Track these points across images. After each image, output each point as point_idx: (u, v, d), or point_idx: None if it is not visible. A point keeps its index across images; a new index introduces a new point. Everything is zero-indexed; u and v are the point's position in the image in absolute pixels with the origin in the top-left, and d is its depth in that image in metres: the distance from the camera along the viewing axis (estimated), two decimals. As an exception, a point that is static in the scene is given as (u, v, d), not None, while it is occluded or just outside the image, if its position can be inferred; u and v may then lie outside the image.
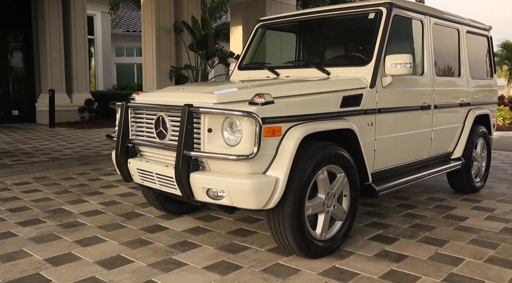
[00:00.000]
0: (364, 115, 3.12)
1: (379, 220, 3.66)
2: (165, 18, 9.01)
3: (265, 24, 4.17)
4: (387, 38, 3.30)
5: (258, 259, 2.82)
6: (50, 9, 11.54)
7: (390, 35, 3.36)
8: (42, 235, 3.25)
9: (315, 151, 2.69)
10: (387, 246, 3.07)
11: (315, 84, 3.00)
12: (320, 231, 2.80)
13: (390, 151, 3.43)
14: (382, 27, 3.30)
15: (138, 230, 3.38)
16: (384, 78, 3.26)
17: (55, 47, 11.61)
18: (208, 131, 2.57)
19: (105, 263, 2.75)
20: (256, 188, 2.44)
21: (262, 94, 2.52)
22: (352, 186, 2.98)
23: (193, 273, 2.61)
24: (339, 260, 2.81)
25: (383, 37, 3.29)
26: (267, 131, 2.50)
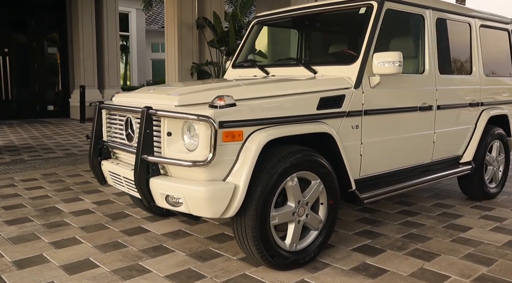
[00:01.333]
0: (346, 117, 2.91)
1: (372, 228, 3.44)
2: (188, 14, 8.98)
3: (261, 20, 4.01)
4: (377, 35, 3.06)
5: (226, 268, 2.70)
6: (83, 6, 11.82)
7: (382, 31, 3.12)
8: (23, 235, 3.26)
9: (282, 156, 2.52)
10: (370, 258, 2.86)
11: (291, 84, 2.81)
12: (289, 242, 2.63)
13: (380, 156, 3.19)
14: (372, 22, 3.07)
15: (118, 232, 3.33)
16: (373, 78, 3.03)
17: (87, 43, 11.89)
18: (167, 135, 2.46)
19: (69, 267, 2.71)
20: (211, 196, 2.31)
21: (222, 97, 2.38)
22: (330, 193, 2.78)
23: (152, 282, 2.52)
24: (310, 273, 2.64)
25: (372, 33, 3.05)
26: (226, 135, 2.36)
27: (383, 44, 3.17)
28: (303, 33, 3.97)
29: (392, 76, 3.19)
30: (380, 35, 3.11)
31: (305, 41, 3.96)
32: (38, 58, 12.24)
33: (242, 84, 2.79)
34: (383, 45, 3.18)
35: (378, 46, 3.09)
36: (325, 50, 3.83)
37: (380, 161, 3.20)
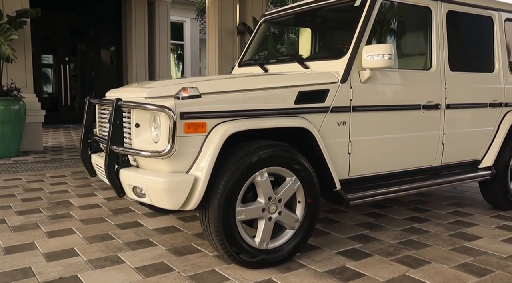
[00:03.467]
0: (330, 113, 2.78)
1: (369, 233, 3.25)
2: (228, 20, 9.11)
3: (268, 18, 3.97)
4: (369, 28, 2.91)
5: (197, 264, 2.66)
6: (137, 16, 12.37)
7: (378, 25, 2.97)
8: (26, 224, 3.43)
9: (250, 150, 2.45)
10: (351, 262, 2.70)
11: (268, 78, 2.74)
12: (259, 239, 2.55)
13: (374, 156, 3.02)
14: (364, 15, 2.92)
15: (113, 225, 3.41)
16: (363, 72, 2.88)
17: (140, 52, 12.41)
18: (136, 126, 2.49)
19: (51, 255, 2.80)
20: (169, 187, 2.30)
21: (186, 88, 2.37)
22: (308, 191, 2.67)
23: (120, 272, 2.54)
24: (280, 273, 2.54)
25: (364, 26, 2.90)
26: (188, 127, 2.34)
27: (380, 39, 3.02)
28: (304, 30, 3.87)
29: (389, 72, 3.03)
30: (376, 29, 2.97)
31: (304, 37, 3.86)
32: (96, 66, 12.94)
33: (216, 78, 2.75)
34: (381, 40, 3.02)
35: (374, 40, 2.94)
36: (320, 45, 3.71)
37: (373, 161, 3.03)
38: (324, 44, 3.76)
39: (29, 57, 7.10)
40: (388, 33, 3.19)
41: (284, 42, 4.08)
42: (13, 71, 6.89)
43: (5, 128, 6.35)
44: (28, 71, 7.11)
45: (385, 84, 3.01)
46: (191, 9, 15.93)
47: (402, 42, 3.43)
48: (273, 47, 4.15)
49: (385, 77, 3.01)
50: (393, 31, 3.28)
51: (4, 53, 5.73)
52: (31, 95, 7.09)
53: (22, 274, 2.51)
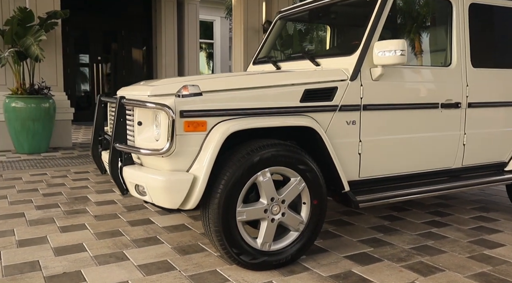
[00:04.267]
0: (339, 112, 2.69)
1: (383, 237, 3.13)
2: (254, 18, 9.07)
3: (284, 15, 3.90)
4: (382, 23, 2.80)
5: (200, 263, 2.63)
6: (166, 16, 12.52)
7: (392, 19, 2.85)
8: (42, 218, 3.51)
9: (252, 149, 2.40)
10: (359, 267, 2.60)
11: (274, 76, 2.67)
12: (261, 241, 2.49)
13: (386, 156, 2.90)
14: (376, 10, 2.81)
15: (124, 222, 3.43)
16: (374, 69, 2.77)
17: (169, 51, 12.56)
18: (138, 124, 2.48)
19: (60, 249, 2.84)
20: (168, 186, 2.27)
21: (186, 86, 2.34)
22: (314, 192, 2.59)
23: (122, 269, 2.54)
24: (282, 276, 2.47)
25: (376, 21, 2.79)
26: (188, 125, 2.31)
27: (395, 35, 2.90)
28: (318, 26, 3.77)
29: (404, 69, 2.91)
30: (390, 24, 2.84)
31: (318, 34, 3.76)
32: (127, 65, 13.19)
33: (220, 76, 2.71)
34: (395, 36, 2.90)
35: (388, 36, 2.83)
36: (333, 42, 3.60)
37: (386, 162, 2.91)
38: (336, 41, 3.65)
39: (59, 57, 7.29)
40: (403, 29, 3.06)
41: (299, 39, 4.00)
42: (45, 70, 7.10)
43: (35, 125, 6.55)
44: (58, 71, 7.31)
45: (399, 82, 2.89)
46: (221, 8, 16.00)
47: (419, 37, 3.29)
48: (287, 44, 4.07)
49: (399, 74, 2.89)
50: (409, 27, 3.14)
51: (33, 53, 5.90)
52: (61, 94, 7.28)
53: (29, 267, 2.56)
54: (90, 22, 12.28)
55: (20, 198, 4.13)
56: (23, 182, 4.78)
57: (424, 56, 3.23)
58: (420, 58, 3.22)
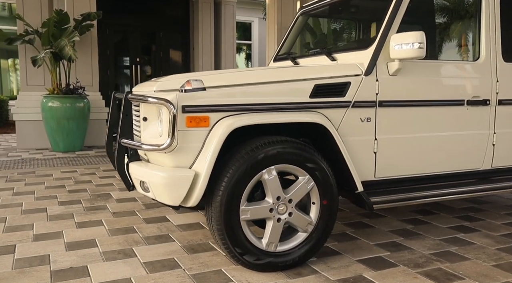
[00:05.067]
0: (352, 108, 2.56)
1: (403, 241, 2.96)
2: (288, 18, 8.96)
3: (305, 11, 3.79)
4: (400, 15, 2.65)
5: (206, 262, 2.58)
6: (203, 17, 12.64)
7: (413, 11, 2.69)
8: (63, 214, 3.57)
9: (256, 146, 2.32)
10: (371, 272, 2.46)
11: (282, 71, 2.57)
12: (266, 241, 2.40)
13: (405, 156, 2.74)
14: (394, 1, 2.67)
15: (140, 219, 3.44)
16: (391, 64, 2.63)
17: (206, 52, 12.67)
18: (143, 120, 2.46)
19: (72, 245, 2.87)
20: (168, 182, 2.23)
21: (189, 81, 2.30)
22: (323, 192, 2.47)
23: (127, 266, 2.53)
24: (287, 278, 2.37)
25: (394, 13, 2.65)
26: (190, 121, 2.26)
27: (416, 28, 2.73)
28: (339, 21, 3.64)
29: (425, 63, 2.74)
30: (410, 16, 2.69)
31: (338, 29, 3.63)
32: (165, 66, 13.40)
33: (229, 71, 2.64)
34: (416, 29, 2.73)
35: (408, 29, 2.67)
36: (352, 36, 3.45)
37: (404, 162, 2.75)
38: (355, 36, 3.50)
39: (95, 58, 7.48)
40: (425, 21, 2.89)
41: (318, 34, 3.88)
42: (80, 71, 7.31)
43: (70, 124, 6.74)
44: (94, 71, 7.50)
45: (419, 77, 2.72)
46: (259, 9, 15.97)
47: (443, 30, 3.10)
48: (307, 40, 3.96)
49: (420, 69, 2.73)
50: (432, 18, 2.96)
51: (67, 54, 6.08)
52: (95, 94, 7.47)
53: (39, 261, 2.59)
54: (129, 24, 12.58)
55: (46, 193, 4.24)
56: (52, 179, 4.91)
57: (449, 50, 3.04)
58: (445, 52, 3.03)
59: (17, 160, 6.13)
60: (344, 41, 3.46)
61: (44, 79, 7.26)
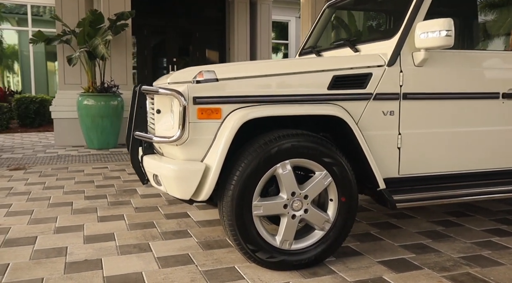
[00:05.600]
0: (373, 101, 2.43)
1: (431, 243, 2.79)
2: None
3: (332, 3, 3.67)
4: (427, 2, 2.49)
5: (220, 259, 2.51)
6: (239, 16, 12.65)
7: None
8: (87, 208, 3.61)
9: (269, 139, 2.23)
10: (391, 274, 2.32)
11: (299, 62, 2.46)
12: (280, 238, 2.31)
13: (432, 152, 2.57)
14: (421, -13, 2.51)
15: (161, 214, 3.42)
16: (417, 54, 2.47)
17: (242, 51, 12.66)
18: (157, 112, 2.42)
19: (91, 238, 2.87)
20: (178, 175, 2.18)
21: (202, 72, 2.24)
22: (342, 189, 2.35)
23: (140, 260, 2.50)
24: (302, 278, 2.27)
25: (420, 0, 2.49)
26: (201, 112, 2.20)
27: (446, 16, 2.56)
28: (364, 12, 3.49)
29: (454, 53, 2.57)
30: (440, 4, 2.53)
31: (364, 20, 3.47)
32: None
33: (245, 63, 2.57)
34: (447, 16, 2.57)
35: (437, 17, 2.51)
36: (377, 27, 3.29)
37: (432, 158, 2.58)
38: (380, 26, 3.34)
39: (129, 56, 7.61)
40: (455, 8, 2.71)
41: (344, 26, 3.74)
42: (115, 69, 7.45)
43: (104, 122, 6.87)
44: (128, 70, 7.63)
45: (448, 68, 2.55)
46: (296, 8, 15.83)
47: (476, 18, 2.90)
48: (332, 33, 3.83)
49: (450, 59, 2.56)
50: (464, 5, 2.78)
51: (100, 52, 6.20)
52: (129, 92, 7.58)
53: (56, 253, 2.60)
54: (167, 25, 12.76)
55: (75, 188, 4.31)
56: (83, 174, 5.00)
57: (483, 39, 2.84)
58: (478, 42, 2.84)
59: (53, 156, 6.30)
60: (368, 32, 3.32)
61: (81, 78, 7.44)
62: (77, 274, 2.30)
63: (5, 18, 16.16)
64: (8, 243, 2.77)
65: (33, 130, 10.02)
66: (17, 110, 10.10)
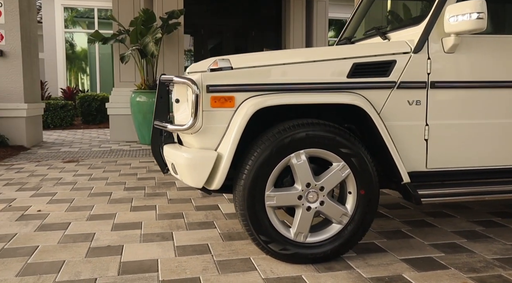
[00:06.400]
0: (397, 89, 2.30)
1: (465, 243, 2.60)
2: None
3: (370, -8, 3.53)
4: (459, -17, 2.32)
5: (237, 250, 2.49)
6: (295, 14, 12.58)
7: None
8: (124, 198, 3.73)
9: (283, 128, 2.18)
10: (413, 273, 2.18)
11: (317, 51, 2.37)
12: (294, 230, 2.24)
13: (464, 144, 2.39)
14: (453, -33, 2.34)
15: (192, 206, 3.46)
16: (447, 39, 2.31)
17: (297, 47, 12.58)
18: (176, 102, 2.45)
19: (119, 226, 2.96)
20: (190, 163, 2.19)
21: (216, 61, 2.24)
22: (361, 181, 2.25)
23: (159, 248, 2.53)
24: (316, 272, 2.19)
25: (451, -19, 2.33)
26: (215, 100, 2.19)
27: None
28: None
29: (489, 38, 2.38)
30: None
31: (400, 7, 3.29)
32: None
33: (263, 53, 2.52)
34: None
35: None
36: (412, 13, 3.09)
37: (463, 152, 2.40)
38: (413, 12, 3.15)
39: (181, 54, 7.80)
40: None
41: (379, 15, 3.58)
42: (168, 67, 7.67)
43: (154, 118, 7.07)
44: (180, 67, 7.82)
45: (482, 54, 2.36)
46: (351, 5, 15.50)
47: None
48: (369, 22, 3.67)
49: (483, 45, 2.37)
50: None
51: (150, 50, 6.40)
52: (180, 89, 7.77)
53: (83, 238, 2.71)
54: (223, 24, 12.96)
55: (117, 180, 4.48)
56: (129, 167, 5.19)
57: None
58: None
59: (105, 151, 6.59)
60: (400, 19, 3.15)
61: (135, 76, 7.73)
62: (96, 258, 2.37)
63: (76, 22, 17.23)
64: (43, 227, 2.92)
65: (94, 127, 10.56)
66: (81, 108, 10.69)
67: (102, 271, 2.21)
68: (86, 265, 2.29)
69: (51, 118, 10.31)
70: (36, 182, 4.39)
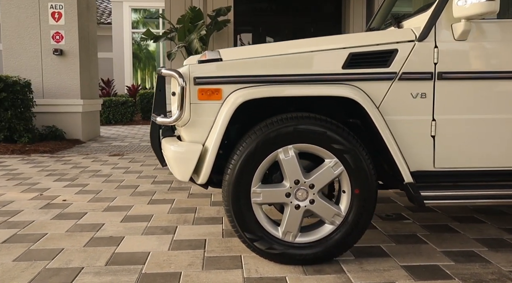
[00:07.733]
0: (399, 81, 2.11)
1: (484, 252, 2.35)
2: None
3: (398, -21, 3.31)
4: (474, -38, 2.08)
5: (231, 247, 2.43)
6: (355, 10, 12.20)
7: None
8: (148, 191, 3.81)
9: (270, 122, 2.08)
10: (409, 281, 2.00)
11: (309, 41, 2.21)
12: (282, 229, 2.14)
13: (477, 142, 2.15)
14: None
15: (208, 201, 3.45)
16: (457, 25, 2.09)
17: (354, 45, 12.21)
18: (172, 94, 2.43)
19: (130, 218, 3.01)
20: (175, 156, 2.16)
21: (205, 53, 2.19)
22: (355, 179, 2.10)
23: (156, 241, 2.53)
24: (303, 274, 2.07)
25: (464, -39, 2.09)
26: (201, 93, 2.14)
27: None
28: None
29: (505, 23, 2.12)
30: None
31: None
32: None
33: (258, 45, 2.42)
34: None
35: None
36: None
37: (476, 150, 2.16)
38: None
39: (229, 51, 7.83)
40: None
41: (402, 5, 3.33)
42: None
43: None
44: (228, 65, 7.86)
45: (496, 42, 2.10)
46: None
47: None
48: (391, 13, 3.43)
49: (498, 30, 2.11)
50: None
51: (194, 47, 6.50)
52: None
53: (91, 228, 2.78)
54: (282, 21, 12.90)
55: (150, 174, 4.58)
56: (167, 162, 5.29)
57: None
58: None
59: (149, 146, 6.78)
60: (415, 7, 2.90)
61: (185, 73, 7.88)
62: (93, 248, 2.42)
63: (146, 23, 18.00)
64: (60, 216, 3.05)
65: (152, 123, 10.96)
66: (140, 105, 11.14)
67: (92, 260, 2.25)
68: (80, 254, 2.34)
69: (112, 114, 10.84)
70: (75, 173, 4.61)
